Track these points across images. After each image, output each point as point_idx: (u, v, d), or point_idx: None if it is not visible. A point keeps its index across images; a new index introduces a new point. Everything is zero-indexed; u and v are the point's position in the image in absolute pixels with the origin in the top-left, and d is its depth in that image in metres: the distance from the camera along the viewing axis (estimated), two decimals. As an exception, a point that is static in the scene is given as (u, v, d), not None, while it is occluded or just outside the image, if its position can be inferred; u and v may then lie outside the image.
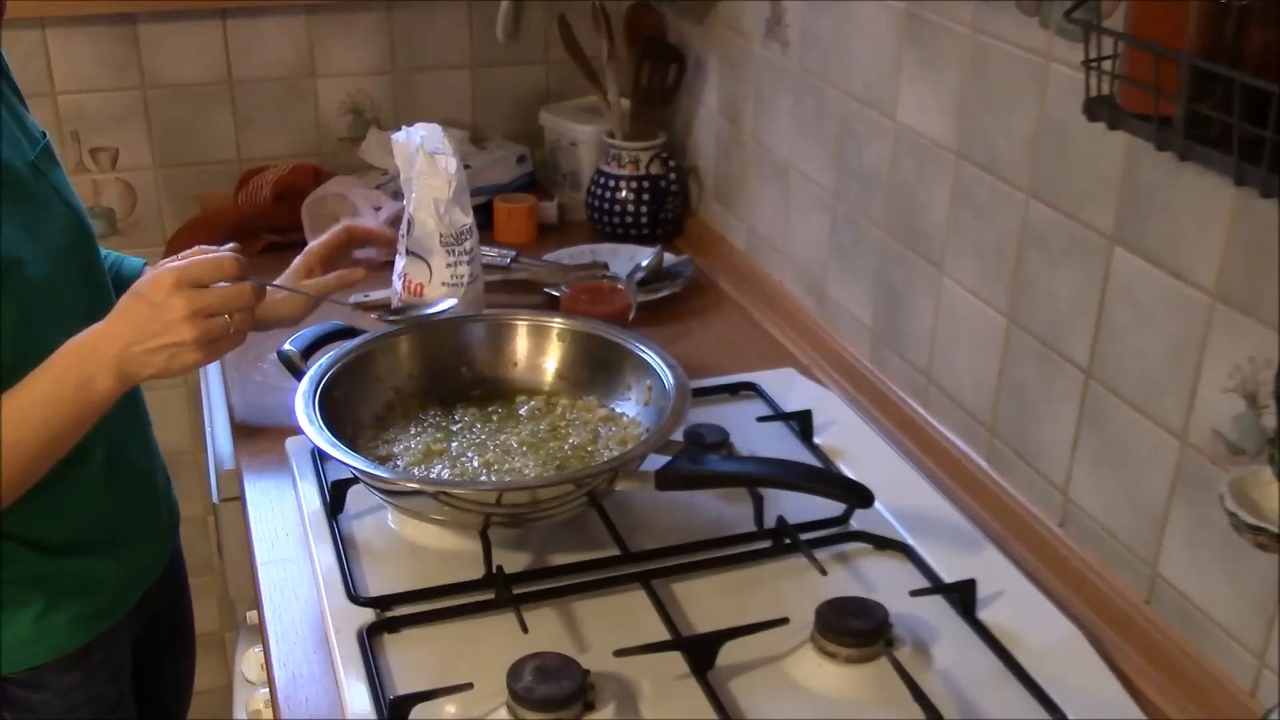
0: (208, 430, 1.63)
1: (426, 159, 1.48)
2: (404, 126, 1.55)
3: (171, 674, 1.59)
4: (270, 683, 1.15)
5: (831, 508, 1.29)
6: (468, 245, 1.51)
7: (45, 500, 1.23)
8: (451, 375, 1.44)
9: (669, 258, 1.89)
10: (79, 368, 1.16)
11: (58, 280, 1.25)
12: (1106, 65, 1.01)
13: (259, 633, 1.24)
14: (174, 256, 1.26)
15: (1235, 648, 1.07)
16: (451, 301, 1.46)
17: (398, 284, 1.56)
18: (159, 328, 1.15)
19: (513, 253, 1.85)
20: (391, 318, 1.46)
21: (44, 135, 1.32)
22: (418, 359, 1.42)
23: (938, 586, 1.22)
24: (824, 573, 1.21)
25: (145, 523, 1.42)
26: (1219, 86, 0.89)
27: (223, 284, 1.18)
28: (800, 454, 1.44)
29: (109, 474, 1.32)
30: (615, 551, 1.26)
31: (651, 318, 1.75)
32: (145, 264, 1.51)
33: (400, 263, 1.57)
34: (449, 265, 1.50)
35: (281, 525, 1.34)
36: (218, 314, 1.17)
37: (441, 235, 1.49)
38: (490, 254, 1.81)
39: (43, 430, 1.16)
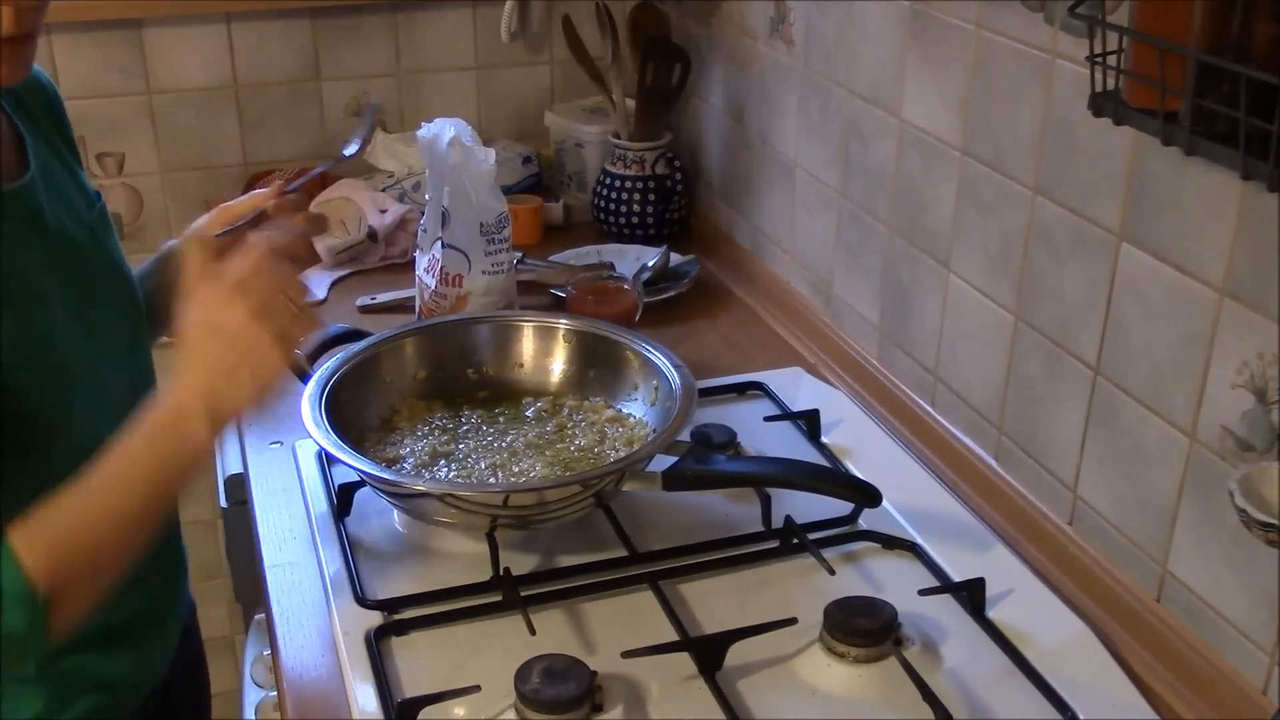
0: (215, 434, 1.63)
1: (464, 151, 1.50)
2: (423, 123, 1.55)
3: None
4: (279, 686, 1.15)
5: (839, 507, 1.28)
6: (506, 233, 1.53)
7: None
8: (458, 377, 1.44)
9: (675, 258, 1.89)
10: (172, 419, 1.01)
11: (102, 355, 1.17)
12: (1111, 61, 1.01)
13: (267, 636, 1.24)
14: (198, 239, 1.13)
15: (1246, 645, 1.06)
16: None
17: (426, 278, 1.56)
18: (226, 344, 1.01)
19: (518, 254, 1.85)
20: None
21: (99, 196, 1.23)
22: (424, 361, 1.42)
23: (946, 585, 1.21)
24: (832, 572, 1.21)
25: (163, 616, 1.32)
26: (1225, 81, 0.88)
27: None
28: (808, 453, 1.44)
29: None
30: (622, 552, 1.26)
31: (658, 318, 1.75)
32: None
33: (425, 259, 1.57)
34: (489, 253, 1.52)
35: (289, 529, 1.33)
36: (275, 303, 1.02)
37: (482, 224, 1.51)
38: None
39: (147, 491, 1.01)
